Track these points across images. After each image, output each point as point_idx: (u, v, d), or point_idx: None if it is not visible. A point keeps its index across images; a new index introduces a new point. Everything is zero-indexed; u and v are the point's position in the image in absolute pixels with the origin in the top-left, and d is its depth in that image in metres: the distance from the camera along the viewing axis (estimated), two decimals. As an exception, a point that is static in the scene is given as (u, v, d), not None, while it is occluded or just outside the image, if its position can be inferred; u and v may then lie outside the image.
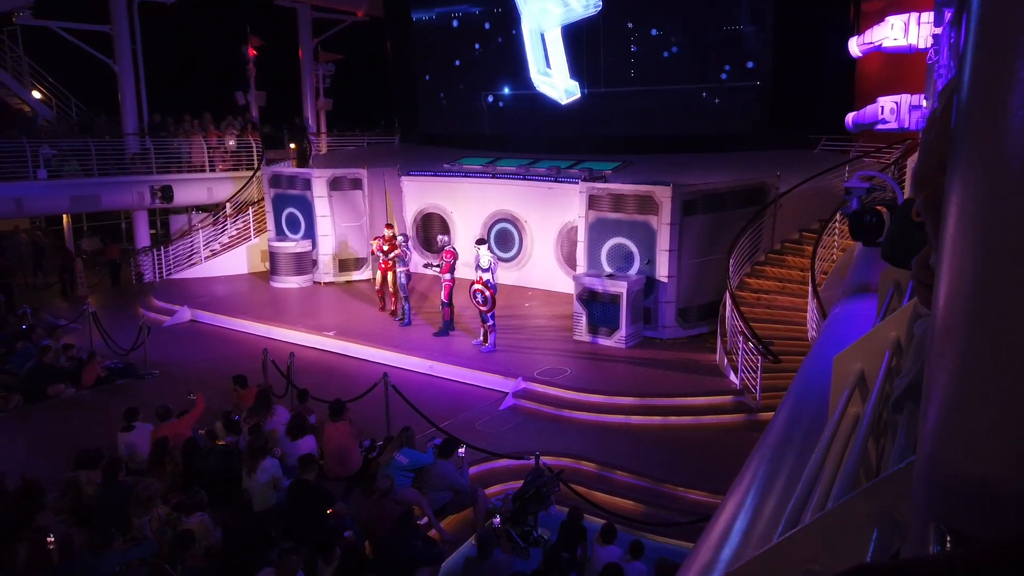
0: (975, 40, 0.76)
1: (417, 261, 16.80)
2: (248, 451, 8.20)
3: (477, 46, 20.36)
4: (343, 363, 13.53)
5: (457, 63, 20.87)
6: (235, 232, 20.23)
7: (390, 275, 15.17)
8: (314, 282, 18.39)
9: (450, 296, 13.84)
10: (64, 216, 22.27)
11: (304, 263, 18.30)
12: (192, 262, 19.67)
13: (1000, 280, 0.72)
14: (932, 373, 0.80)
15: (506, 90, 20.11)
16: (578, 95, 19.28)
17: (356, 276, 18.53)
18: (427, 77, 21.85)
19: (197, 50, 25.79)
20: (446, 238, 14.43)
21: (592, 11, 18.46)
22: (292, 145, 21.48)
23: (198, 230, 20.01)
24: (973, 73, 0.77)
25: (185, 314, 16.54)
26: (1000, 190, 0.72)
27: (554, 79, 19.65)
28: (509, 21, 19.56)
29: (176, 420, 9.30)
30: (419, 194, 18.90)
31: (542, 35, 19.16)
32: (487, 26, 20.50)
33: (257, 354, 12.05)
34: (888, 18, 11.70)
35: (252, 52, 23.12)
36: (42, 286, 20.34)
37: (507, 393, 11.62)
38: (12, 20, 20.29)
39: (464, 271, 14.66)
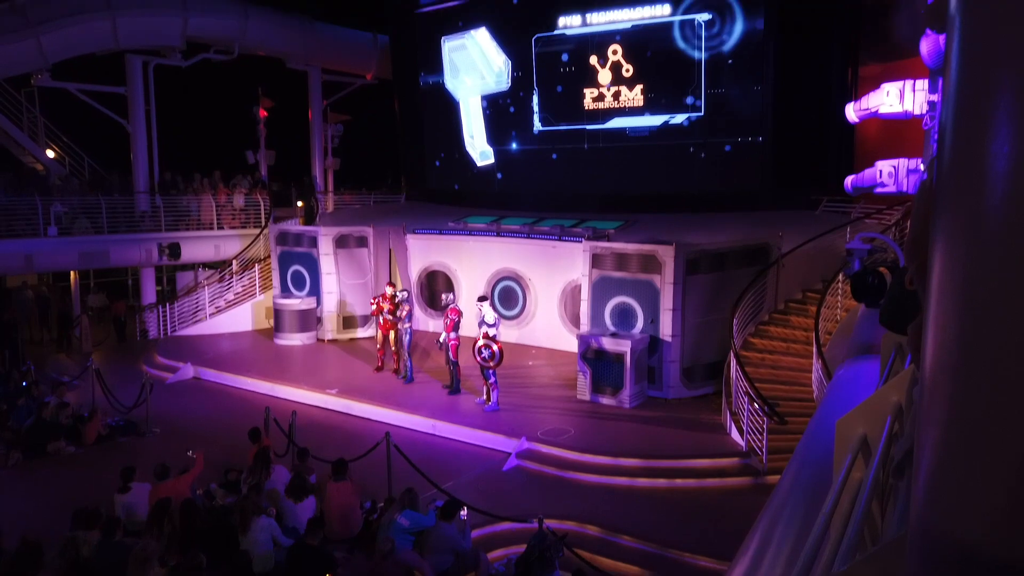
0: (953, 108, 0.81)
1: (418, 317, 16.83)
2: (239, 510, 8.09)
3: (483, 107, 20.86)
4: (345, 421, 13.44)
5: (468, 123, 21.32)
6: (240, 289, 20.37)
7: (392, 333, 15.20)
8: (318, 339, 18.41)
9: (456, 354, 13.83)
10: (72, 272, 22.47)
11: (308, 320, 18.36)
12: (197, 319, 19.75)
13: (983, 344, 0.74)
14: (921, 439, 0.83)
15: (513, 146, 20.52)
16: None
17: (360, 333, 18.56)
18: (434, 136, 22.30)
19: (210, 110, 26.43)
20: (450, 296, 14.49)
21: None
22: (299, 203, 21.82)
23: (204, 287, 20.15)
24: (953, 138, 0.81)
25: (188, 371, 16.52)
26: (980, 249, 0.75)
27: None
28: (514, 83, 20.08)
29: (174, 480, 9.20)
30: (424, 252, 19.08)
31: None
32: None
33: (260, 412, 11.99)
34: (884, 85, 11.98)
35: (263, 113, 23.71)
36: (47, 341, 20.38)
37: (510, 453, 11.49)
38: (31, 82, 20.88)
39: (466, 329, 14.68)
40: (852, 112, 13.72)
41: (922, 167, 11.52)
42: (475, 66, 20.63)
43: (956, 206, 0.78)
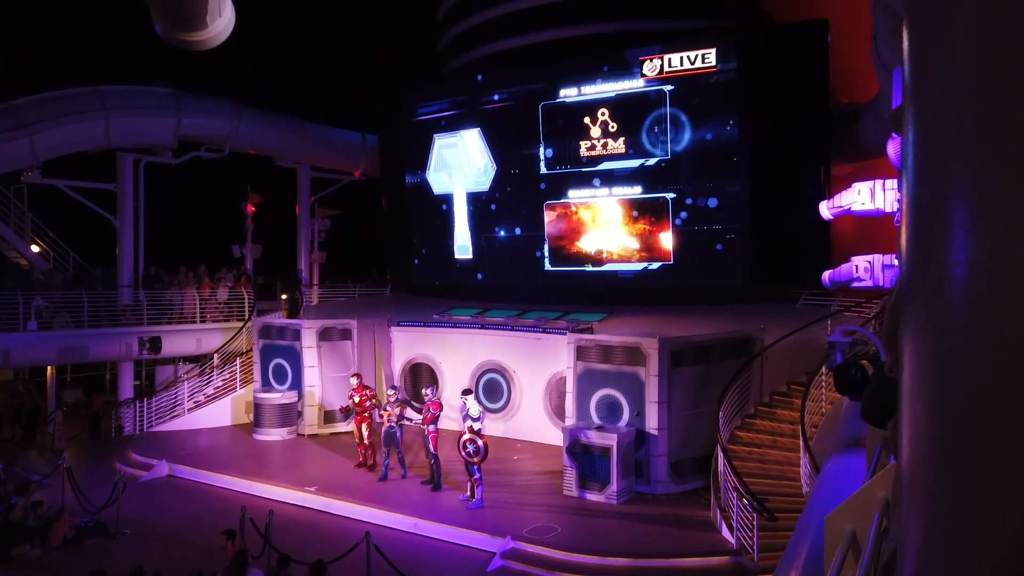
0: (912, 217, 0.85)
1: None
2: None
3: (468, 205, 21.31)
4: (325, 520, 13.01)
5: (449, 218, 21.71)
6: (221, 383, 20.07)
7: (363, 426, 15.10)
8: (298, 434, 18.04)
9: (436, 447, 13.60)
10: (48, 367, 22.10)
11: (289, 414, 18.04)
12: (175, 414, 19.33)
13: (956, 440, 0.76)
14: (903, 536, 0.83)
15: (499, 238, 20.85)
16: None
17: (341, 428, 18.22)
18: (420, 231, 22.63)
19: (198, 205, 26.80)
20: (429, 391, 14.34)
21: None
22: (283, 296, 21.84)
23: (183, 381, 19.84)
24: (913, 248, 0.85)
25: (163, 468, 16.04)
26: (946, 351, 0.78)
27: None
28: (496, 182, 20.61)
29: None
30: (408, 344, 19.02)
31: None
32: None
33: (236, 511, 11.59)
34: (855, 184, 12.40)
35: (251, 208, 24.06)
36: (19, 439, 19.81)
37: (495, 553, 11.12)
38: (21, 179, 21.15)
39: (449, 423, 14.49)
40: (826, 209, 14.14)
41: (896, 262, 11.79)
42: (461, 164, 21.20)
43: (921, 311, 0.82)
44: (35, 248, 22.69)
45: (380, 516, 12.63)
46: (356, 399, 15.27)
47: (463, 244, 21.40)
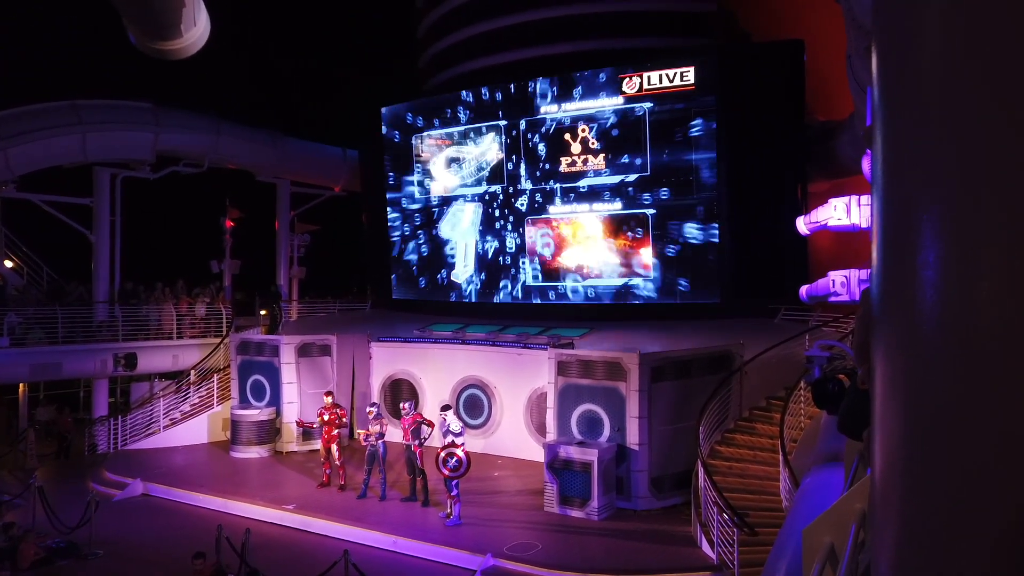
0: (881, 218, 0.86)
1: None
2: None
3: (474, 250, 21.26)
4: (303, 539, 12.84)
5: (431, 234, 21.70)
6: (197, 400, 19.81)
7: (333, 446, 14.94)
8: (276, 451, 17.83)
9: (423, 462, 13.50)
10: (20, 384, 21.70)
11: (266, 431, 17.82)
12: (150, 431, 19.02)
13: (925, 445, 0.76)
14: (877, 544, 0.83)
15: (481, 256, 20.84)
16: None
17: (319, 445, 17.99)
18: (401, 246, 22.58)
19: (176, 220, 26.57)
20: (407, 405, 14.20)
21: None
22: (262, 312, 21.66)
23: (159, 398, 19.56)
24: (881, 250, 0.85)
25: (138, 487, 15.75)
26: (917, 354, 0.78)
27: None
28: (482, 212, 20.67)
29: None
30: (388, 360, 18.91)
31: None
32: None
33: (211, 530, 11.40)
34: (831, 200, 12.58)
35: (230, 223, 23.88)
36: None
37: (475, 571, 11.04)
38: (-5, 194, 20.88)
39: (429, 440, 14.33)
40: (803, 225, 14.31)
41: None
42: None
43: (891, 320, 0.82)
44: (8, 263, 22.35)
45: (359, 534, 12.49)
46: (326, 417, 15.08)
47: (458, 272, 21.34)
